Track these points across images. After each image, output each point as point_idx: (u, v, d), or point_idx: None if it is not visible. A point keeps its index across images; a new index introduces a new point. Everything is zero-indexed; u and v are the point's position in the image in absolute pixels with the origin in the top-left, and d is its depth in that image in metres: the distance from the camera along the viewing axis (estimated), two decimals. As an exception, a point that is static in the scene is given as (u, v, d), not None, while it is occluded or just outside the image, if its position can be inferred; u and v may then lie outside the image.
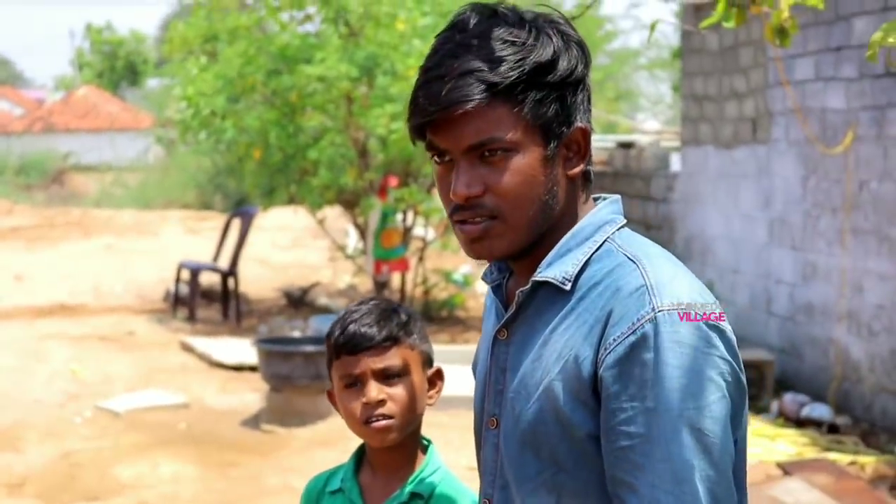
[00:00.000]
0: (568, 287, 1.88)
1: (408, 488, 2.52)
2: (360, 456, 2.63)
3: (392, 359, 2.50)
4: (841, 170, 8.62)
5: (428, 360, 2.58)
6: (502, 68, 1.83)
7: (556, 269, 1.89)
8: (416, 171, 11.99)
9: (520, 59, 1.84)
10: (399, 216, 12.08)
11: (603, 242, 1.90)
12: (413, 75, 10.88)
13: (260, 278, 15.38)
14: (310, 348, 8.29)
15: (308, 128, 11.87)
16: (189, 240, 18.97)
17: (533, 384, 1.87)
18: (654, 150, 13.64)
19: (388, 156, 11.54)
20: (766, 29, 4.44)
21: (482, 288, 13.93)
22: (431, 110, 1.83)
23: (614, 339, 1.79)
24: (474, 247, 1.89)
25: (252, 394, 9.26)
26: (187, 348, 11.01)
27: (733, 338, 1.84)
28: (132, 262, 16.54)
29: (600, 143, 17.53)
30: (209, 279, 13.71)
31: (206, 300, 13.56)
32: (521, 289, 1.92)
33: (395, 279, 12.51)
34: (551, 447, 1.85)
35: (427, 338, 2.60)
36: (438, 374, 2.59)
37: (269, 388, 8.54)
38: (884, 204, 8.17)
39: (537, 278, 1.90)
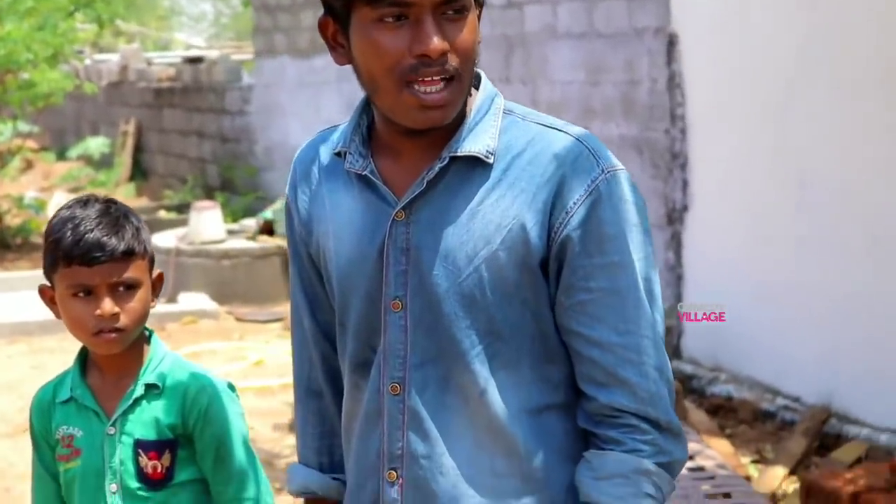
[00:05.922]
0: (491, 160, 1.87)
1: (140, 381, 2.47)
2: (84, 359, 2.54)
3: (130, 272, 2.41)
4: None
5: (152, 263, 2.51)
6: None
7: (473, 142, 1.88)
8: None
9: None
10: (-32, 142, 11.56)
11: (502, 114, 1.91)
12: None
13: None
14: None
15: None
16: None
17: (464, 257, 1.87)
18: (225, 63, 13.62)
19: (-47, 78, 10.99)
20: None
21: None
22: None
23: (575, 203, 1.83)
24: (432, 113, 1.83)
25: None
26: None
27: None
28: None
29: (164, 59, 17.30)
30: None
31: None
32: (440, 165, 1.87)
33: (-33, 208, 11.97)
34: (489, 317, 1.88)
35: (150, 239, 2.52)
36: (160, 278, 2.52)
37: None
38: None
39: (458, 153, 1.87)
